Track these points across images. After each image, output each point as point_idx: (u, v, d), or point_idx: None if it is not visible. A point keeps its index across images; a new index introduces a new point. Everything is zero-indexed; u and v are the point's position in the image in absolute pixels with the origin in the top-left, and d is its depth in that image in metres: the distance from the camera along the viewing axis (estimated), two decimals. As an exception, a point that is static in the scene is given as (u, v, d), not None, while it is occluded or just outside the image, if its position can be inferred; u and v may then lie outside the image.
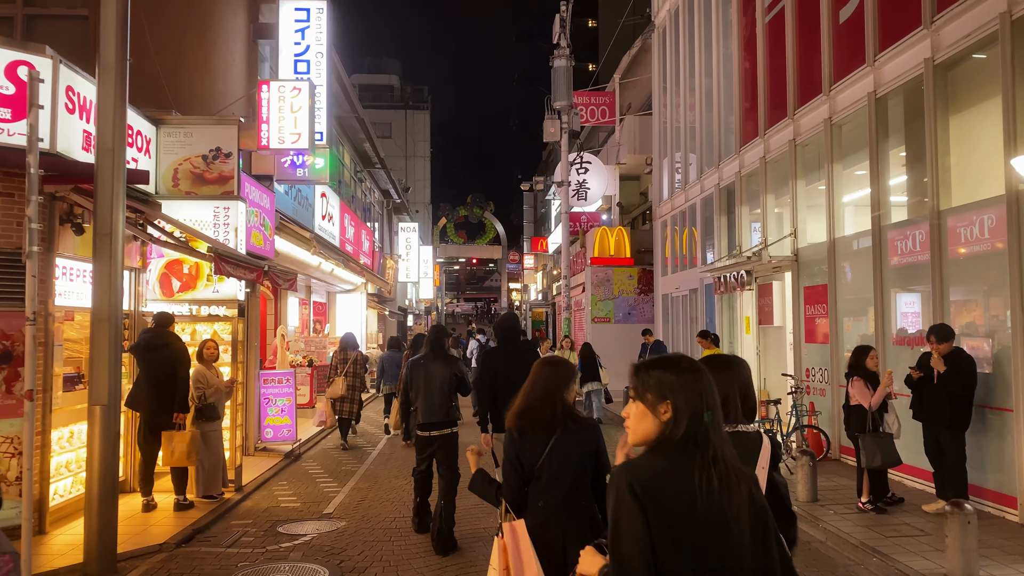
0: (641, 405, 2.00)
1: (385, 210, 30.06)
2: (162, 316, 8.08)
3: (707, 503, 1.86)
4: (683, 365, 2.00)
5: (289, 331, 16.44)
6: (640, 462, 1.96)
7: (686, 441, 1.91)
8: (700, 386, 1.96)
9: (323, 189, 15.51)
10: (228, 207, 9.16)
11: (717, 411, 1.98)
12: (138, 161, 8.74)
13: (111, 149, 6.18)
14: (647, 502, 1.85)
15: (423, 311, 46.03)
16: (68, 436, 7.72)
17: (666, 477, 1.89)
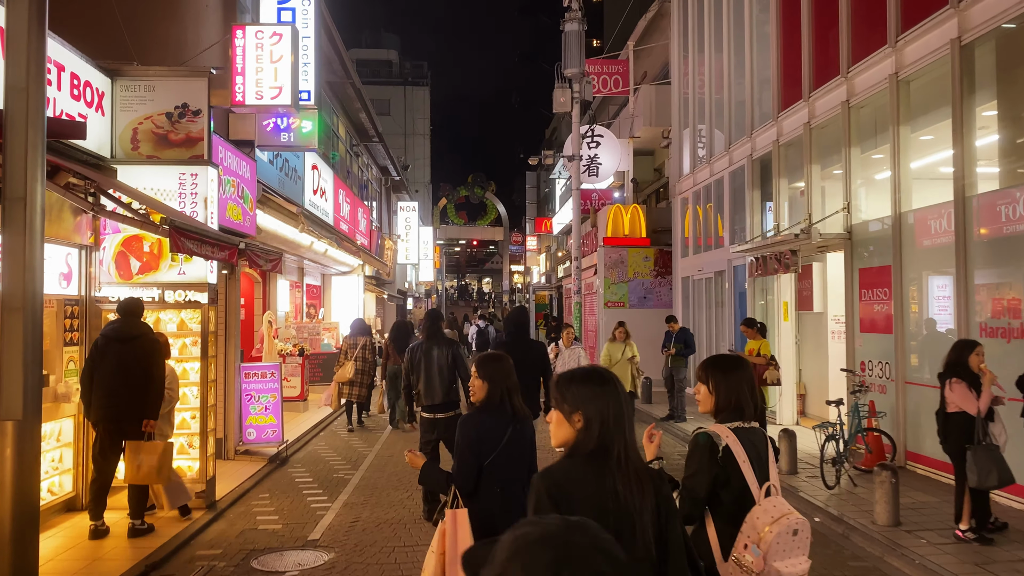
0: (559, 413, 2.24)
1: (383, 188, 28.59)
2: (130, 303, 6.72)
3: (615, 508, 2.07)
4: (596, 379, 2.22)
5: (279, 317, 15.06)
6: (556, 467, 2.18)
7: (598, 449, 2.14)
8: (610, 398, 2.18)
9: (314, 161, 14.08)
10: (196, 173, 7.74)
11: (624, 421, 2.17)
12: (87, 118, 7.32)
13: (25, 88, 4.76)
14: (561, 506, 2.04)
15: (423, 294, 44.66)
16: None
17: (579, 482, 2.12)
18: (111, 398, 6.45)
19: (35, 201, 4.76)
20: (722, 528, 2.74)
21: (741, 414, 2.81)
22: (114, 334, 6.56)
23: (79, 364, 7.37)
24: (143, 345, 6.51)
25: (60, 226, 7.07)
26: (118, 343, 6.48)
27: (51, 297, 7.14)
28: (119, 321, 6.65)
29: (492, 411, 3.54)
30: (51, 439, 7.13)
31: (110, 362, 6.45)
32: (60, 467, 7.28)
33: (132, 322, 6.62)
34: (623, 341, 11.25)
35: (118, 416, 6.48)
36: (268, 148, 9.91)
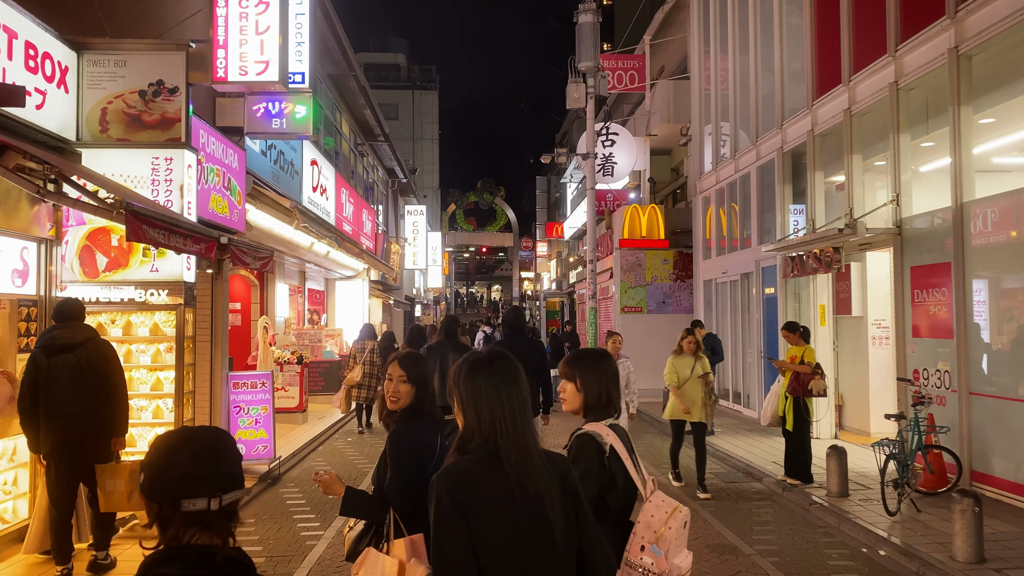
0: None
1: (390, 191, 27.74)
2: (70, 304, 5.70)
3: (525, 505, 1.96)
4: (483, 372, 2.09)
5: (278, 323, 14.18)
6: (454, 467, 2.01)
7: (492, 445, 2.00)
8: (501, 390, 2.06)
9: (314, 156, 13.21)
10: (171, 158, 6.86)
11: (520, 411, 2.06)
12: (46, 95, 6.45)
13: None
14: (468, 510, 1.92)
15: (432, 301, 43.79)
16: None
17: (482, 481, 1.97)
18: (68, 419, 5.46)
19: (-54, 173, 3.86)
20: (610, 534, 2.48)
21: (611, 409, 2.72)
22: (57, 344, 5.49)
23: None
24: (94, 350, 5.54)
25: (15, 216, 6.19)
26: (64, 353, 5.46)
27: (3, 297, 6.25)
28: (58, 328, 5.57)
29: (420, 421, 3.12)
30: (2, 459, 6.24)
31: (60, 377, 5.43)
32: (14, 491, 6.37)
33: (75, 327, 5.59)
34: (692, 354, 8.62)
35: (79, 439, 5.51)
36: (258, 135, 9.03)
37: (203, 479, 1.56)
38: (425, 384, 3.17)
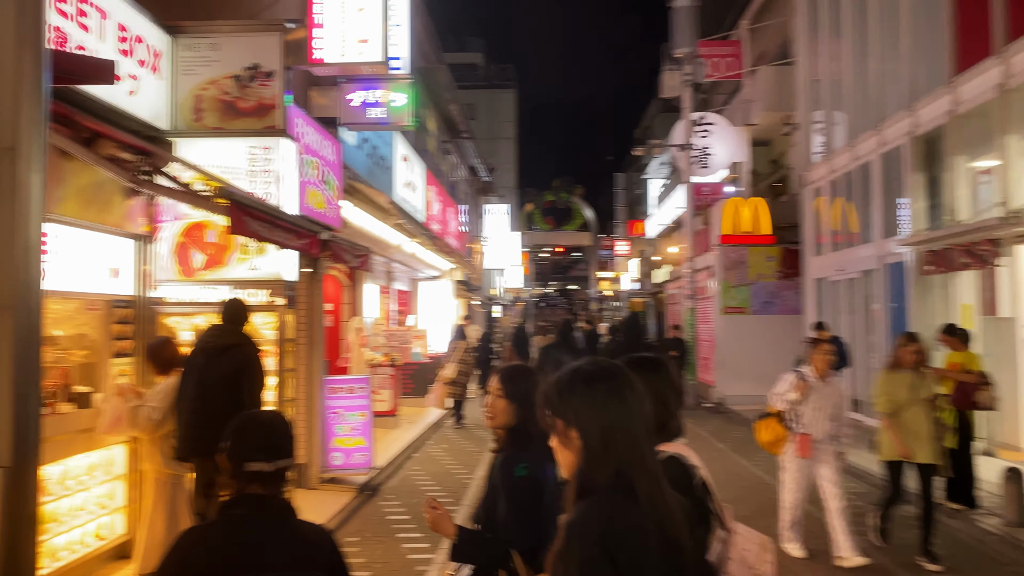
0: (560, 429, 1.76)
1: (472, 189, 27.27)
2: (232, 306, 5.33)
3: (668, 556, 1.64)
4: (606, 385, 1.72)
5: (367, 323, 13.75)
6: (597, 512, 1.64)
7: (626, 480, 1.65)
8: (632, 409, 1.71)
9: (405, 152, 12.70)
10: (269, 147, 6.36)
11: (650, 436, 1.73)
12: (139, 80, 6.02)
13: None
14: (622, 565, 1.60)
15: (510, 301, 43.28)
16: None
17: (629, 529, 1.63)
18: (184, 429, 5.13)
19: (31, 153, 3.33)
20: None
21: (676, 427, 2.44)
22: (201, 344, 5.25)
23: (133, 380, 6.05)
24: (233, 359, 5.09)
25: (107, 212, 5.77)
26: (204, 356, 5.13)
27: (97, 297, 5.85)
28: (213, 328, 5.33)
29: (529, 445, 2.67)
30: (98, 472, 5.82)
31: (191, 379, 5.14)
32: (110, 505, 5.96)
33: (227, 330, 5.25)
34: (913, 368, 6.26)
35: (195, 450, 5.12)
36: (354, 126, 8.49)
37: (260, 449, 2.11)
38: (529, 403, 2.59)
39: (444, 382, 13.13)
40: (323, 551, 2.19)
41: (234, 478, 2.12)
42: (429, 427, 12.96)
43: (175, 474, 5.41)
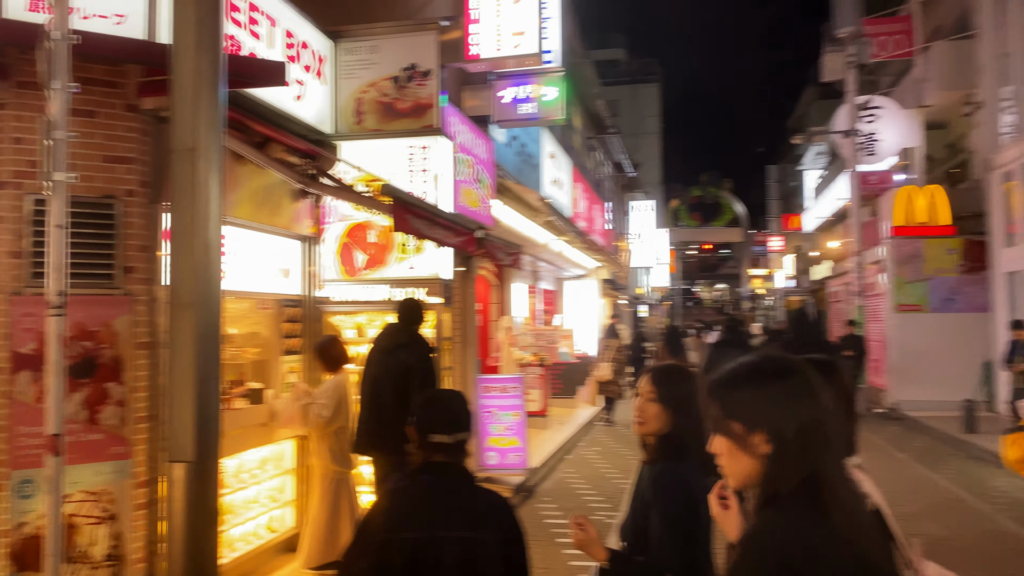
0: (726, 440, 1.52)
1: (617, 186, 26.84)
2: (407, 304, 5.45)
3: None
4: (784, 382, 1.50)
5: (515, 323, 13.74)
6: (785, 530, 1.42)
7: (813, 492, 1.43)
8: (818, 410, 1.49)
9: (552, 148, 12.57)
10: (427, 146, 6.37)
11: (841, 442, 1.51)
12: (304, 84, 6.18)
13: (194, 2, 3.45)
14: None
15: (656, 300, 42.36)
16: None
17: (823, 552, 1.39)
18: (366, 423, 5.33)
19: (209, 154, 3.40)
20: None
21: None
22: (376, 343, 5.44)
23: (302, 376, 6.23)
24: (402, 358, 5.19)
25: (277, 214, 5.96)
26: (378, 355, 5.32)
27: (269, 297, 6.06)
28: (389, 327, 5.47)
29: (685, 456, 2.42)
30: (269, 466, 6.03)
31: (368, 376, 5.36)
32: (280, 499, 6.16)
33: (399, 329, 5.37)
34: None
35: (368, 448, 5.36)
36: (506, 123, 8.43)
37: (442, 423, 2.38)
38: (685, 408, 2.42)
39: (597, 381, 13.23)
40: (500, 515, 2.37)
41: (421, 448, 2.39)
42: (579, 428, 12.74)
43: (341, 471, 5.50)
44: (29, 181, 4.19)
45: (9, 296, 4.14)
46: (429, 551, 2.24)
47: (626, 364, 14.65)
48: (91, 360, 4.28)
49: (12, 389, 4.12)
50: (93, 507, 4.27)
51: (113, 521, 4.32)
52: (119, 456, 4.37)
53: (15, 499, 4.10)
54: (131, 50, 4.14)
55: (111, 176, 4.41)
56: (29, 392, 4.15)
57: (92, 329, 4.29)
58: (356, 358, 6.64)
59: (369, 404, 5.25)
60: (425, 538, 2.25)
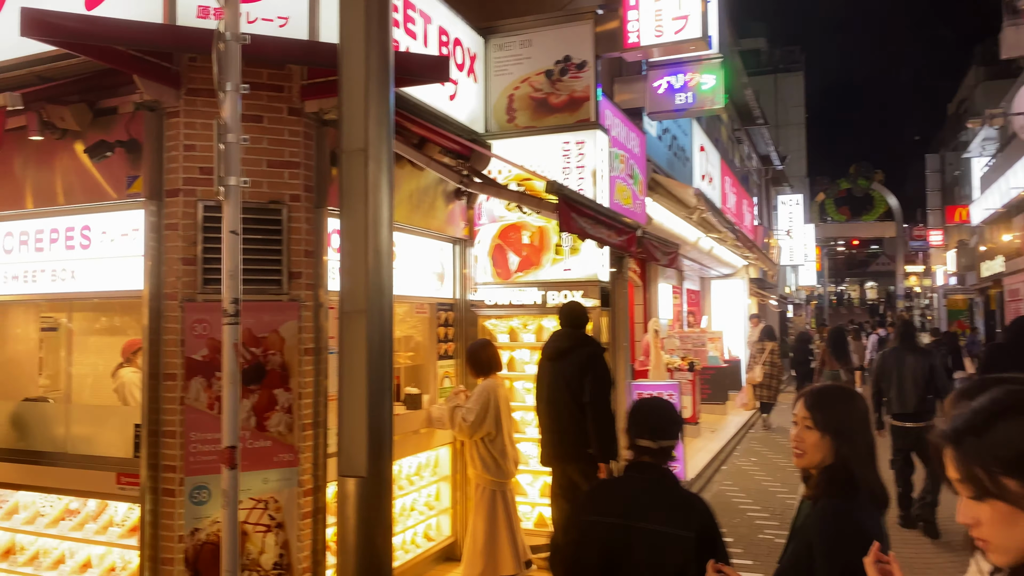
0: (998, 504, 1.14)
1: (764, 180, 25.58)
2: (569, 308, 5.30)
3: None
4: None
5: (662, 325, 13.21)
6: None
7: None
8: None
9: (702, 141, 11.98)
10: (583, 141, 6.06)
11: None
12: (458, 84, 6.03)
13: None
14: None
15: (803, 300, 40.17)
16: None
17: None
18: (545, 434, 5.26)
19: (380, 154, 3.23)
20: None
21: None
22: (545, 351, 5.31)
23: (456, 381, 6.09)
24: (574, 362, 5.02)
25: (431, 216, 5.84)
26: (549, 362, 5.21)
27: (425, 300, 5.95)
28: (555, 333, 5.35)
29: (855, 493, 2.11)
30: (425, 473, 5.92)
31: (541, 386, 5.27)
32: (436, 507, 6.04)
33: (566, 334, 5.23)
34: None
35: (554, 456, 5.23)
36: (660, 115, 8.00)
37: (647, 429, 2.60)
38: (848, 436, 2.15)
39: (752, 384, 12.83)
40: (696, 514, 2.51)
41: (630, 449, 2.64)
42: (732, 436, 12.06)
43: (495, 480, 5.26)
44: (201, 188, 4.23)
45: (182, 303, 4.18)
46: (623, 538, 2.47)
47: (782, 368, 14.10)
48: (260, 366, 4.26)
49: (185, 395, 4.15)
50: (262, 515, 4.25)
51: (281, 530, 4.28)
52: (286, 464, 4.33)
53: (189, 505, 4.13)
54: (297, 51, 4.07)
55: (277, 181, 4.38)
56: (202, 398, 4.18)
57: (260, 335, 4.26)
58: (511, 363, 6.46)
59: (547, 414, 5.11)
60: (621, 525, 2.49)
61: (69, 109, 4.19)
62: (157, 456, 4.14)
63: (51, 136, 4.31)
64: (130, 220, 4.38)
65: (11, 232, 4.82)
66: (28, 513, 4.83)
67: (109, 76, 4.22)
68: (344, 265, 3.24)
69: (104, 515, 4.63)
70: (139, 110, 4.20)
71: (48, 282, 4.68)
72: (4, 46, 4.42)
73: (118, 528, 4.53)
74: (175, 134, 4.23)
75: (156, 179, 4.23)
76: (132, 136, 4.24)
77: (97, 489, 4.45)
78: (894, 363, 7.07)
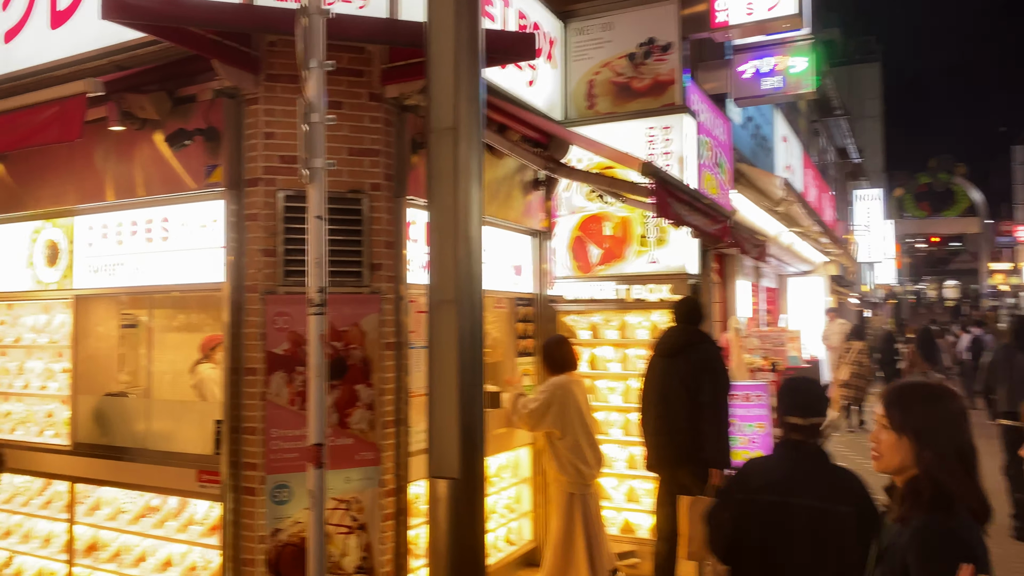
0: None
1: (841, 174, 24.63)
2: (685, 304, 4.98)
3: None
4: None
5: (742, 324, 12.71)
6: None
7: None
8: None
9: (785, 131, 11.48)
10: (669, 126, 5.75)
11: None
12: (536, 68, 5.80)
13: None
14: None
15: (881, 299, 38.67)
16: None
17: None
18: (658, 436, 4.87)
19: (471, 132, 3.01)
20: None
21: None
22: (657, 348, 4.97)
23: (536, 379, 5.84)
24: (690, 360, 4.70)
25: (508, 207, 5.61)
26: (661, 360, 4.86)
27: (503, 295, 5.72)
28: (668, 330, 5.02)
29: (952, 507, 1.80)
30: (505, 474, 5.69)
31: (658, 385, 4.87)
32: (517, 509, 5.81)
33: (681, 330, 4.90)
34: None
35: (666, 459, 4.86)
36: (747, 101, 7.59)
37: (795, 407, 2.67)
38: (930, 439, 1.87)
39: (837, 384, 12.19)
40: (853, 491, 2.55)
41: (780, 427, 2.71)
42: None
43: (573, 483, 4.93)
44: (281, 177, 4.09)
45: (263, 295, 4.05)
46: (781, 515, 2.53)
47: (871, 368, 13.44)
48: (341, 361, 4.10)
49: (267, 391, 4.02)
50: (344, 516, 4.08)
51: (363, 531, 4.11)
52: (368, 462, 4.16)
53: (270, 504, 3.99)
54: (380, 30, 3.90)
55: (357, 170, 4.22)
56: (283, 394, 4.04)
57: (342, 329, 4.10)
58: (592, 361, 6.18)
59: (658, 416, 4.77)
60: (779, 502, 2.54)
61: (148, 98, 4.10)
62: (238, 453, 4.02)
63: (131, 126, 4.24)
64: (209, 211, 4.28)
65: (92, 225, 4.79)
66: (110, 509, 4.79)
67: (188, 63, 4.12)
68: (433, 251, 3.02)
69: (184, 513, 4.55)
70: (218, 97, 4.09)
71: (128, 275, 4.63)
72: (84, 38, 4.39)
73: (198, 526, 4.44)
74: (254, 121, 4.10)
75: (236, 168, 4.11)
76: (211, 124, 4.14)
77: (178, 486, 4.36)
78: (1005, 361, 6.83)
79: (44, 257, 5.02)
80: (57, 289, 4.97)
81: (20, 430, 5.31)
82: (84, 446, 4.78)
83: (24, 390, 5.39)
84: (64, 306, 5.10)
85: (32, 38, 4.62)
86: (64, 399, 5.05)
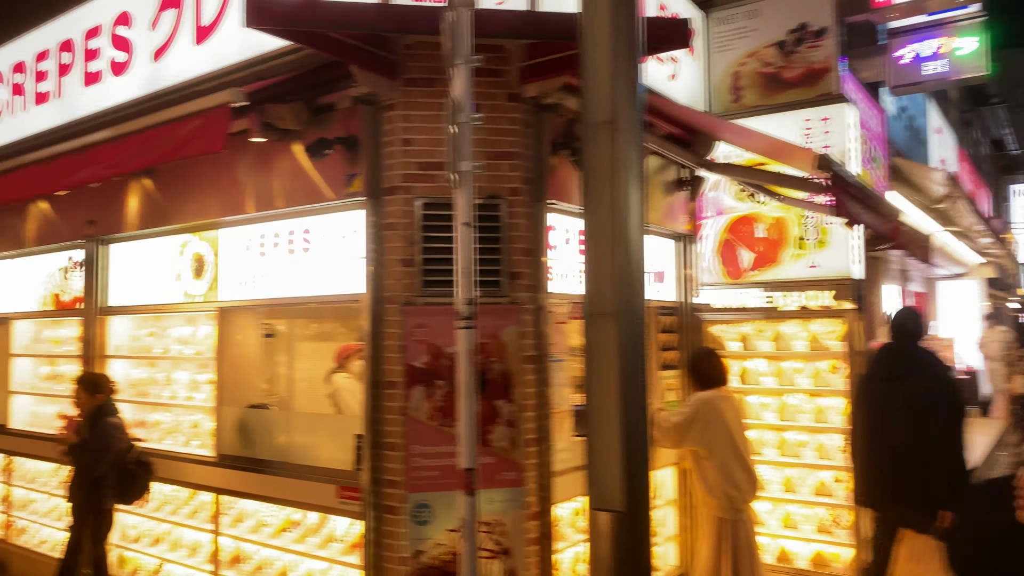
0: None
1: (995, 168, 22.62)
2: (908, 317, 4.45)
3: None
4: None
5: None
6: None
7: None
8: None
9: (938, 123, 10.52)
10: (827, 117, 5.26)
11: None
12: (677, 61, 5.44)
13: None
14: None
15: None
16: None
17: None
18: (871, 469, 4.40)
19: (630, 127, 2.72)
20: None
21: None
22: (875, 369, 4.46)
23: (680, 394, 5.46)
24: (920, 384, 4.19)
25: (650, 209, 5.26)
26: (880, 384, 4.34)
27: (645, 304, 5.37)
28: (886, 348, 4.49)
29: None
30: (650, 495, 5.32)
31: (865, 412, 4.41)
32: (662, 533, 5.43)
33: (903, 348, 4.36)
34: None
35: (883, 494, 4.37)
36: (905, 88, 6.90)
37: None
38: None
39: (1010, 395, 11.59)
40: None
41: None
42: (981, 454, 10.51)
43: (721, 506, 4.51)
44: (419, 184, 3.95)
45: (402, 306, 3.90)
46: None
47: None
48: (481, 375, 3.89)
49: (407, 405, 3.86)
50: (487, 539, 3.86)
51: (507, 556, 3.88)
52: (511, 483, 3.93)
53: (411, 525, 3.82)
54: (524, 23, 3.69)
55: (495, 174, 4.01)
56: (423, 408, 3.87)
57: (481, 341, 3.89)
58: (743, 375, 5.73)
59: (880, 446, 4.27)
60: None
61: (287, 108, 4.05)
62: (379, 470, 3.89)
63: (271, 137, 4.21)
64: (349, 221, 4.19)
65: (236, 238, 4.82)
66: (253, 522, 4.79)
67: (325, 71, 4.05)
68: (588, 257, 2.75)
69: (325, 528, 4.47)
70: (356, 104, 3.99)
71: (270, 287, 4.62)
72: (225, 52, 4.41)
73: (339, 543, 4.34)
74: (392, 128, 3.97)
75: (375, 176, 3.99)
76: (350, 132, 4.04)
77: (318, 502, 4.28)
78: None
79: (191, 270, 5.11)
80: (204, 301, 5.04)
81: (168, 440, 5.44)
82: (228, 458, 4.80)
83: (171, 400, 5.52)
84: (208, 318, 5.18)
85: (178, 54, 4.71)
86: (209, 410, 5.12)
